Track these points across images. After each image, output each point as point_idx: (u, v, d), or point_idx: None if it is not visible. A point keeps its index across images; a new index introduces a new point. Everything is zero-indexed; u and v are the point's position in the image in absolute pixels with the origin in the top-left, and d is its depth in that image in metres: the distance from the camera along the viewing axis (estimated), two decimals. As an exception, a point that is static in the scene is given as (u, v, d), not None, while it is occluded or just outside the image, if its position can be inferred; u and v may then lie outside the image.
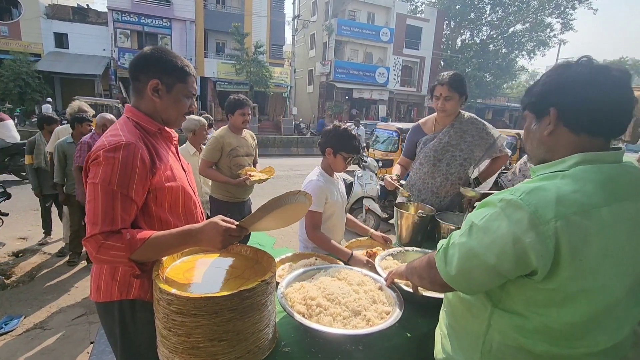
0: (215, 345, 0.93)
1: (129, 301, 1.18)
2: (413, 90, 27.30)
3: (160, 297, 0.93)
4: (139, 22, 19.27)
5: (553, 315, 0.76)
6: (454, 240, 0.85)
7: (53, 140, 3.75)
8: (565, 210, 0.70)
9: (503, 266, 0.75)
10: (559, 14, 27.32)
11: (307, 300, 1.19)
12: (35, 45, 17.57)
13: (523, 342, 0.79)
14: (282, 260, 1.65)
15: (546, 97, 0.83)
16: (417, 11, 30.00)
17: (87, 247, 1.01)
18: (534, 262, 0.72)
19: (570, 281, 0.72)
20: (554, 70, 0.83)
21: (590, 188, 0.73)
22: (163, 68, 1.15)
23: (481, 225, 0.79)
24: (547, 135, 0.83)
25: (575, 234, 0.70)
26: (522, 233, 0.72)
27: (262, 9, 21.86)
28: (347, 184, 5.45)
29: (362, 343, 1.16)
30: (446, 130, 2.22)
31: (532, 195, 0.73)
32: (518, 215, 0.73)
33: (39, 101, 16.56)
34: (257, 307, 0.98)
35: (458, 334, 0.95)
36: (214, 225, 1.03)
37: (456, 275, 0.83)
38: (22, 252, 3.90)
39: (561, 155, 0.81)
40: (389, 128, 8.42)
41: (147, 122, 1.18)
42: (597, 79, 0.76)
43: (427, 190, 2.30)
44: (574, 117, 0.79)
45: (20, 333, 2.58)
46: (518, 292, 0.80)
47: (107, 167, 1.02)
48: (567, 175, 0.76)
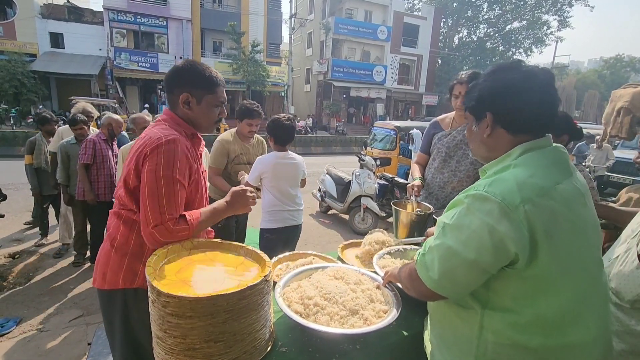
0: (211, 347, 0.92)
1: (132, 290, 1.23)
2: (411, 88, 27.31)
3: (156, 299, 0.93)
4: (135, 22, 19.18)
5: (542, 303, 0.78)
6: (430, 244, 0.86)
7: (56, 140, 3.73)
8: (529, 194, 0.74)
9: (483, 259, 0.76)
10: (556, 11, 27.41)
11: (304, 300, 1.18)
12: (30, 45, 17.45)
13: (518, 338, 0.80)
14: (279, 259, 1.64)
15: (482, 103, 0.89)
16: (415, 9, 30.01)
17: (154, 235, 1.11)
18: (512, 250, 0.74)
19: (550, 264, 0.75)
20: (490, 75, 0.89)
21: (542, 171, 0.79)
22: (192, 81, 1.26)
23: (453, 223, 0.81)
24: (486, 137, 0.90)
25: (543, 214, 0.74)
26: (495, 222, 0.74)
27: (259, 8, 21.80)
28: (345, 183, 5.46)
29: (359, 342, 1.16)
30: (461, 128, 2.25)
31: (494, 187, 0.77)
32: (487, 206, 0.76)
33: (35, 102, 16.47)
34: (253, 307, 0.98)
35: (448, 343, 0.94)
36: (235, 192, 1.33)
37: (440, 278, 0.83)
38: (19, 253, 3.88)
39: (503, 151, 0.87)
40: (387, 126, 8.42)
41: (184, 127, 1.30)
42: (526, 84, 0.82)
43: (435, 184, 2.34)
44: (510, 121, 0.85)
45: (17, 335, 2.57)
46: (504, 288, 0.81)
47: (168, 156, 1.14)
48: (517, 165, 0.81)
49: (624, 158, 7.59)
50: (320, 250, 2.13)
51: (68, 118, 3.45)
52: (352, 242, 1.96)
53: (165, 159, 1.13)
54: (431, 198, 2.33)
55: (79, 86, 17.77)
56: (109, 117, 3.37)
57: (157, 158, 1.13)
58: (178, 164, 1.16)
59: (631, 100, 3.45)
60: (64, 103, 15.61)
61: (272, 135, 2.44)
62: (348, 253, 1.83)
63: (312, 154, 14.57)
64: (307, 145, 15.39)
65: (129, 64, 18.80)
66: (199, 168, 1.34)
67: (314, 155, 14.45)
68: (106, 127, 3.35)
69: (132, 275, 1.22)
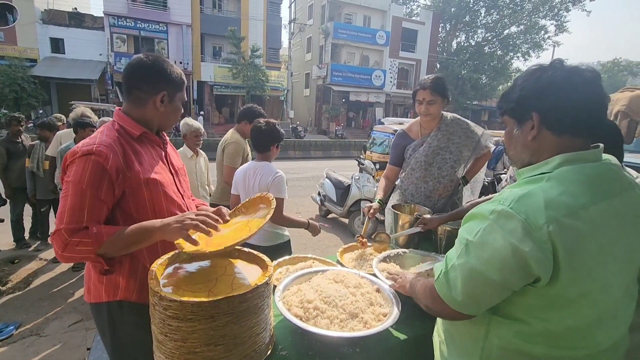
0: (211, 350, 0.93)
1: (116, 302, 1.21)
2: (409, 92, 27.28)
3: (157, 302, 0.93)
4: (135, 27, 19.28)
5: (554, 319, 0.76)
6: (453, 262, 0.83)
7: (54, 144, 3.74)
8: (555, 214, 0.70)
9: (507, 279, 0.74)
10: (553, 16, 27.59)
11: (304, 303, 1.19)
12: (31, 50, 17.53)
13: (523, 345, 0.79)
14: (279, 263, 1.65)
15: (526, 102, 0.83)
16: (413, 14, 30.20)
17: (53, 244, 1.04)
18: (535, 270, 0.71)
19: (570, 285, 0.72)
20: (530, 75, 0.84)
21: (574, 189, 0.74)
22: (168, 79, 1.22)
23: (477, 241, 0.78)
24: (531, 140, 0.84)
25: (567, 236, 0.70)
26: (519, 242, 0.71)
27: (259, 13, 21.94)
28: (344, 187, 5.46)
29: (359, 345, 1.16)
30: (434, 134, 2.23)
31: (521, 203, 0.73)
32: (511, 225, 0.73)
33: (35, 106, 16.50)
34: (253, 310, 0.98)
35: (455, 340, 0.95)
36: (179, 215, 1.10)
37: (463, 299, 0.81)
38: (18, 258, 3.87)
39: (545, 157, 0.82)
40: (386, 130, 8.44)
41: (132, 127, 1.21)
42: (572, 80, 0.77)
43: (420, 194, 2.30)
44: (555, 120, 0.80)
45: (16, 340, 2.56)
46: (519, 300, 0.79)
47: (78, 168, 1.07)
48: (551, 178, 0.77)
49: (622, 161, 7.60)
50: (319, 253, 2.14)
51: (75, 122, 3.44)
52: (351, 246, 1.96)
53: (77, 170, 1.07)
54: None
55: (79, 91, 17.84)
56: (104, 122, 3.37)
57: (70, 169, 1.09)
58: (88, 175, 1.06)
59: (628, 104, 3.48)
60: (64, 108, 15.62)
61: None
62: (347, 257, 1.83)
63: (312, 158, 14.60)
64: (306, 149, 15.43)
65: (129, 68, 18.85)
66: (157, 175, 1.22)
67: (313, 159, 14.47)
68: None
69: (113, 288, 1.20)
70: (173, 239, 1.07)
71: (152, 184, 1.20)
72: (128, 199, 1.16)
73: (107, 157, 1.09)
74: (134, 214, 1.18)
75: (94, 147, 1.09)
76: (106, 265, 1.07)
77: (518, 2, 27.30)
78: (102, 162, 1.08)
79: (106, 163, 1.08)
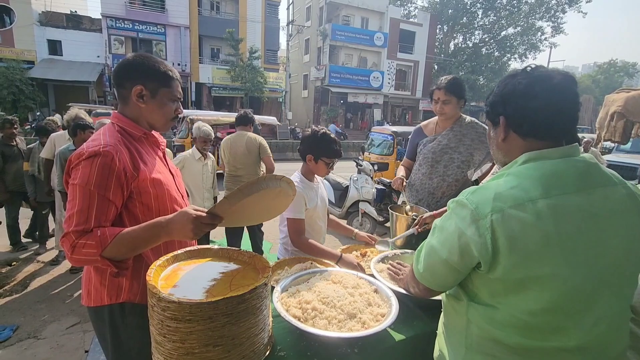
0: (210, 351, 0.93)
1: (118, 305, 1.19)
2: (407, 93, 27.50)
3: (155, 303, 0.93)
4: (133, 29, 19.28)
5: (513, 303, 0.80)
6: (424, 243, 0.97)
7: (48, 146, 3.71)
8: (501, 205, 0.78)
9: (452, 259, 0.85)
10: (550, 17, 27.77)
11: (302, 304, 1.19)
12: (28, 52, 17.50)
13: (497, 334, 0.83)
14: (277, 264, 1.65)
15: (495, 107, 0.92)
16: (410, 16, 30.34)
17: (63, 247, 1.03)
18: (475, 254, 0.80)
19: (514, 269, 0.77)
20: (502, 81, 0.92)
21: (528, 183, 0.80)
22: (146, 74, 1.18)
23: (439, 225, 0.91)
24: (501, 141, 0.93)
25: (510, 225, 0.76)
26: (465, 228, 0.81)
27: (257, 15, 21.98)
28: (343, 188, 5.47)
29: (357, 346, 1.16)
30: (445, 133, 2.27)
31: (475, 195, 0.83)
32: (463, 212, 0.83)
33: (33, 108, 16.46)
34: (252, 311, 0.98)
35: (448, 331, 0.99)
36: (184, 214, 1.03)
37: (424, 272, 0.95)
38: (16, 260, 3.86)
39: (516, 156, 0.89)
40: (384, 132, 8.46)
41: (132, 127, 1.21)
42: (533, 89, 0.83)
43: (424, 190, 2.35)
44: (517, 124, 0.87)
45: (13, 343, 2.54)
46: (481, 284, 0.86)
47: (85, 170, 1.06)
48: (510, 174, 0.84)
49: (618, 162, 7.64)
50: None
51: (75, 124, 3.43)
52: (349, 247, 1.97)
53: (83, 172, 1.06)
54: (421, 204, 2.33)
55: (76, 93, 17.80)
56: (102, 123, 3.33)
57: (75, 172, 1.08)
58: (95, 177, 1.05)
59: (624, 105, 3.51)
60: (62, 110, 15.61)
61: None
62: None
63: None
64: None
65: (127, 70, 18.84)
66: (160, 176, 1.23)
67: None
68: None
69: (116, 290, 1.18)
70: (184, 239, 1.07)
71: (157, 183, 1.20)
72: (135, 199, 1.16)
73: (114, 157, 1.08)
74: (140, 215, 1.17)
75: (100, 148, 1.08)
76: (114, 268, 1.05)
77: (515, 4, 27.47)
78: (110, 162, 1.07)
79: (114, 164, 1.08)
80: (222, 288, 1.02)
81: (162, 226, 1.05)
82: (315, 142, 1.82)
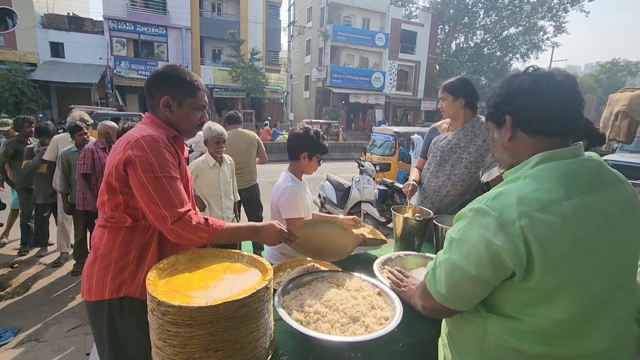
0: (211, 356, 0.91)
1: (117, 300, 1.21)
2: (409, 94, 27.46)
3: (155, 308, 0.92)
4: (134, 31, 19.34)
5: (541, 314, 0.77)
6: (440, 259, 0.89)
7: (51, 148, 3.73)
8: (527, 209, 0.74)
9: (483, 273, 0.79)
10: (552, 17, 27.71)
11: (304, 307, 1.17)
12: (31, 54, 17.57)
13: (519, 344, 0.80)
14: (279, 266, 1.63)
15: (500, 107, 0.91)
16: (412, 16, 30.33)
17: (176, 230, 1.14)
18: (509, 263, 0.75)
19: (546, 277, 0.74)
20: (505, 82, 0.91)
21: (549, 185, 0.77)
22: (173, 85, 1.27)
23: (458, 237, 0.84)
24: (508, 142, 0.91)
25: (540, 229, 0.73)
26: (491, 236, 0.76)
27: (258, 16, 22.02)
28: (345, 189, 5.45)
29: (360, 350, 1.14)
30: (456, 132, 2.27)
31: (496, 200, 0.79)
32: (486, 220, 0.77)
33: (35, 111, 16.52)
34: (253, 315, 0.97)
35: (456, 341, 0.96)
36: (272, 225, 1.34)
37: (447, 293, 0.86)
38: (17, 262, 3.86)
39: (523, 157, 0.87)
40: (386, 132, 8.44)
41: (165, 129, 1.29)
42: (539, 85, 0.83)
43: (430, 188, 2.35)
44: (525, 122, 0.86)
45: (14, 345, 2.54)
46: (506, 296, 0.82)
47: (158, 156, 1.16)
48: (527, 176, 0.81)
49: (622, 161, 7.58)
50: (320, 256, 2.10)
51: (68, 126, 3.45)
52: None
53: (157, 159, 1.15)
54: (427, 202, 2.34)
55: (79, 95, 17.84)
56: (104, 125, 3.33)
57: (144, 162, 1.13)
58: (170, 162, 1.18)
59: (629, 104, 3.48)
60: (64, 112, 15.69)
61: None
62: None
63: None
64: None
65: (129, 72, 18.92)
66: (186, 172, 1.34)
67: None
68: (103, 136, 3.34)
69: (118, 285, 1.20)
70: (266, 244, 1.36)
71: (189, 180, 1.35)
72: None
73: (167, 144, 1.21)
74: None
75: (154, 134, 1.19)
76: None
77: (517, 3, 27.42)
78: (166, 147, 1.20)
79: (169, 149, 1.21)
80: (223, 291, 1.01)
81: (257, 229, 1.33)
82: (309, 140, 1.88)
